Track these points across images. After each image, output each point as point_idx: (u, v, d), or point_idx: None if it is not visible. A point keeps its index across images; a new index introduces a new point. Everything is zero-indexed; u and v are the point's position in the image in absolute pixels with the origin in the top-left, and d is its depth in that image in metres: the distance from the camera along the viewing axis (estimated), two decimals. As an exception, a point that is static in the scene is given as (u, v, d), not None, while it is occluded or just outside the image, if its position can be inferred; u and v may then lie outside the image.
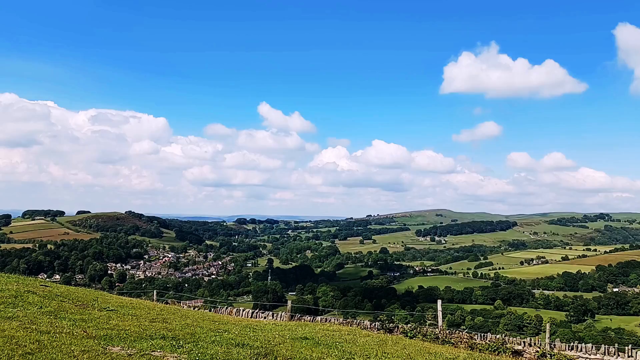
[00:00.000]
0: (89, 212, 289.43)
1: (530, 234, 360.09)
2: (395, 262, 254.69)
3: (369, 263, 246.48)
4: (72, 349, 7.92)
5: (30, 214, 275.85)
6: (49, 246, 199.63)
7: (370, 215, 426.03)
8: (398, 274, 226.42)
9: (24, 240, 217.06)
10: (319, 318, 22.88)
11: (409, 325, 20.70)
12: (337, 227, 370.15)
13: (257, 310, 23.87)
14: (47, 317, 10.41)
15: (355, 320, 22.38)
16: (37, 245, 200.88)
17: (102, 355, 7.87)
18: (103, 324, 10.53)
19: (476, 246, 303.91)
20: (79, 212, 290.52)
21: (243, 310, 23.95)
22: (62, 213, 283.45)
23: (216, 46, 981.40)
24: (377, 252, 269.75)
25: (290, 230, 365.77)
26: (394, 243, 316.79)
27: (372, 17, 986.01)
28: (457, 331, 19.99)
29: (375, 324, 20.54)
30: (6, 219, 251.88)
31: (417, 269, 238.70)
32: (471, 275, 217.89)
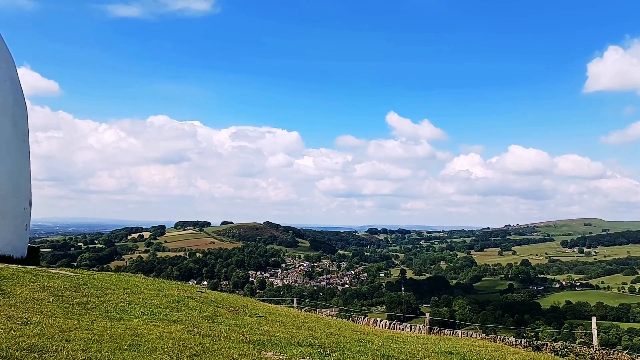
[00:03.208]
0: (231, 222, 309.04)
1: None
2: (539, 275, 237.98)
3: (509, 276, 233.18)
4: (231, 352, 8.45)
5: (181, 225, 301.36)
6: (197, 254, 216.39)
7: (509, 225, 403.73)
8: (542, 287, 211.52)
9: (176, 248, 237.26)
10: (459, 332, 22.14)
11: (558, 343, 19.30)
12: (473, 238, 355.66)
13: (394, 322, 23.70)
14: (206, 321, 11.24)
15: (497, 336, 21.31)
16: (187, 253, 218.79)
17: (257, 360, 8.32)
18: (255, 330, 11.13)
19: (632, 258, 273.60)
20: (223, 223, 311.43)
21: (380, 321, 23.93)
22: (208, 224, 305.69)
23: (345, 57, 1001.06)
24: (518, 264, 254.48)
25: (422, 241, 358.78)
26: (537, 255, 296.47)
27: (503, 14, 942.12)
28: (615, 351, 18.19)
29: (521, 341, 19.41)
30: (161, 229, 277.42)
31: (563, 282, 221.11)
32: (627, 291, 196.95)
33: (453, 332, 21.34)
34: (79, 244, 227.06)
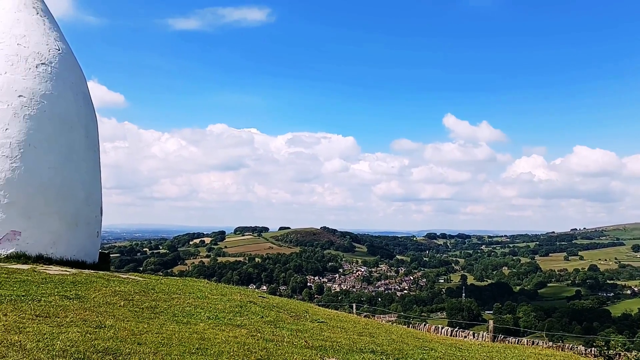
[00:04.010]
0: (289, 227, 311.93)
1: None
2: (608, 281, 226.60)
3: (576, 282, 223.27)
4: (294, 358, 8.55)
5: (240, 230, 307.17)
6: (256, 259, 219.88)
7: (575, 229, 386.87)
8: (611, 294, 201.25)
9: (235, 253, 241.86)
10: (524, 340, 21.44)
11: (632, 353, 18.33)
12: (537, 242, 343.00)
13: (456, 329, 23.21)
14: (269, 326, 11.42)
15: (564, 344, 20.48)
16: (246, 258, 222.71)
17: (320, 366, 8.37)
18: (317, 335, 11.19)
19: None
20: (280, 228, 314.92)
21: (442, 328, 23.48)
22: (266, 229, 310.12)
23: (400, 62, 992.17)
24: (585, 269, 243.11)
25: (483, 246, 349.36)
26: (605, 260, 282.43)
27: (566, 12, 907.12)
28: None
29: (591, 350, 18.56)
30: (221, 234, 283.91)
31: (635, 289, 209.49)
32: None
33: (518, 340, 20.70)
34: (144, 249, 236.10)
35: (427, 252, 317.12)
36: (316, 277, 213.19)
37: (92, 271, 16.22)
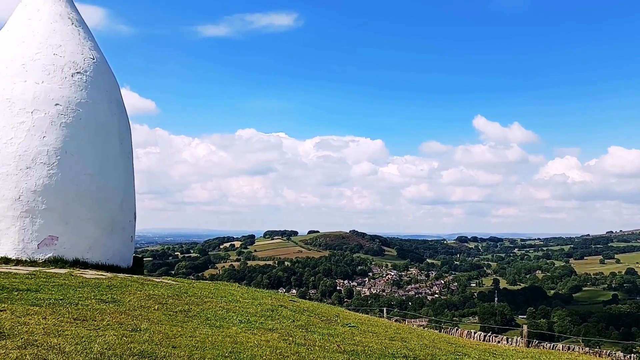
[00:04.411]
0: (318, 231, 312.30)
1: None
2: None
3: (613, 286, 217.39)
4: (326, 362, 8.55)
5: (269, 234, 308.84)
6: (286, 263, 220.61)
7: (612, 232, 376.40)
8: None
9: (265, 257, 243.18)
10: (559, 345, 20.97)
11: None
12: (572, 245, 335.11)
13: (489, 334, 22.85)
14: (300, 330, 11.44)
15: (601, 350, 19.98)
16: (276, 262, 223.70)
17: (353, 370, 8.34)
18: (348, 340, 11.17)
19: None
20: (309, 232, 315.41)
21: (474, 333, 23.14)
22: (295, 233, 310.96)
23: (428, 65, 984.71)
24: (622, 273, 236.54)
25: (516, 249, 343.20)
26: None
27: (601, 4, 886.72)
28: None
29: (630, 357, 18.09)
30: (251, 238, 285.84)
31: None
32: None
33: (553, 346, 20.26)
34: (176, 253, 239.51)
35: (458, 255, 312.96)
36: (345, 281, 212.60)
37: (126, 275, 16.55)
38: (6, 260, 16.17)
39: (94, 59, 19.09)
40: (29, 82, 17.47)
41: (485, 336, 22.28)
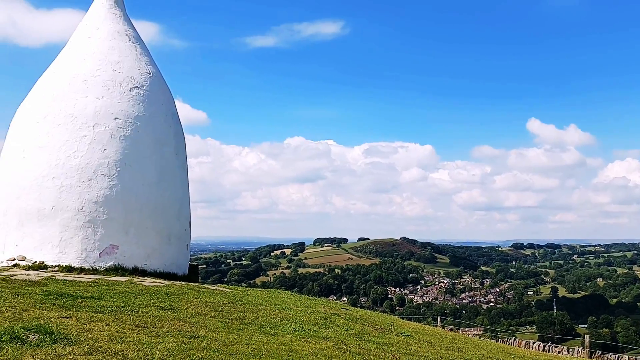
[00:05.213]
0: (368, 238, 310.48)
1: None
2: None
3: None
4: (382, 371, 8.47)
5: (319, 242, 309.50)
6: (336, 270, 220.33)
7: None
8: None
9: (315, 265, 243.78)
10: (625, 357, 20.05)
11: None
12: (635, 252, 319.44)
13: (548, 344, 22.08)
14: (354, 339, 11.38)
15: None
16: (326, 269, 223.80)
17: (409, 381, 8.23)
18: (403, 349, 11.03)
19: None
20: (359, 239, 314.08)
21: (533, 343, 22.42)
22: (345, 240, 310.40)
23: (480, 70, 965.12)
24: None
25: (575, 256, 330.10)
26: None
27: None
28: None
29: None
30: (301, 246, 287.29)
31: None
32: None
33: (619, 357, 19.39)
34: (228, 260, 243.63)
35: (513, 262, 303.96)
36: (397, 289, 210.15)
37: (183, 283, 16.97)
38: (70, 269, 16.91)
39: (150, 74, 19.79)
40: (90, 98, 18.29)
41: (544, 346, 21.53)
